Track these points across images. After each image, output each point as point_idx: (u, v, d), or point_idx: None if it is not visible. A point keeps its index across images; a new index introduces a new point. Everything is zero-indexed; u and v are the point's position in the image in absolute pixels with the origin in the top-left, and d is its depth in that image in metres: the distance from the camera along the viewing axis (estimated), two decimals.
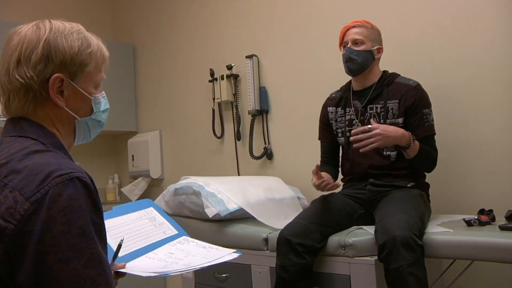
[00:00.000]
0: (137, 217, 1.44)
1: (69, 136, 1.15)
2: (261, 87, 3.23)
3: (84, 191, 0.92)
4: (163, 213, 1.54)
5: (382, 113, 2.25)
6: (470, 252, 1.80)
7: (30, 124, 1.05)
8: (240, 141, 3.38)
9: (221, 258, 1.34)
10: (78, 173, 0.93)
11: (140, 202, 1.55)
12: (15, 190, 0.90)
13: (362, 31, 2.26)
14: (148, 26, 4.09)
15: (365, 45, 2.25)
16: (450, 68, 2.46)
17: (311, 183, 2.19)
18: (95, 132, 1.20)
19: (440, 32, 2.49)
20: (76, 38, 1.08)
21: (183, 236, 1.48)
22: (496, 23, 2.33)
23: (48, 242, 0.87)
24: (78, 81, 1.09)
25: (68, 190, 0.90)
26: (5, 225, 0.87)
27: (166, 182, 3.86)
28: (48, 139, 1.05)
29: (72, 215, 0.89)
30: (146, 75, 4.14)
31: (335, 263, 2.03)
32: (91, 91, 1.13)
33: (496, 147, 2.33)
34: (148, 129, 4.06)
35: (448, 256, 1.92)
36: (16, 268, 0.87)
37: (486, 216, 2.00)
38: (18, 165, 0.93)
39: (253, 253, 2.32)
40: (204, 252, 1.39)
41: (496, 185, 2.32)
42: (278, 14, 3.18)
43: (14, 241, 0.87)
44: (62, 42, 1.06)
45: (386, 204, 2.07)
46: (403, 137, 2.10)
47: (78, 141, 1.19)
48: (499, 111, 2.33)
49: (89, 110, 1.14)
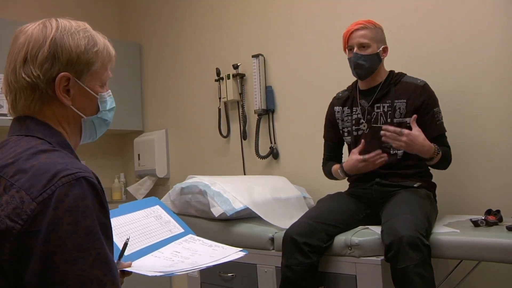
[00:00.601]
0: (143, 215, 1.44)
1: (75, 135, 1.14)
2: (267, 86, 3.23)
3: (90, 191, 0.92)
4: (169, 211, 1.53)
5: (389, 112, 2.24)
6: (477, 253, 1.78)
7: (36, 123, 1.05)
8: (246, 140, 3.38)
9: (227, 257, 1.33)
10: (84, 173, 0.93)
11: (146, 200, 1.55)
12: (22, 190, 0.90)
13: (367, 33, 2.23)
14: (155, 25, 4.09)
15: (372, 48, 2.23)
16: (456, 69, 2.45)
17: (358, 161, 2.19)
18: (101, 131, 1.20)
19: (446, 32, 2.48)
20: (82, 37, 1.08)
21: (189, 235, 1.48)
22: (500, 22, 2.32)
23: (54, 243, 0.87)
24: (85, 79, 1.09)
25: (75, 190, 0.90)
26: (12, 225, 0.87)
27: (172, 181, 3.86)
28: (54, 138, 1.05)
29: (78, 215, 0.89)
30: (152, 74, 4.15)
31: (341, 263, 2.03)
32: (98, 89, 1.13)
33: (503, 147, 2.31)
34: (154, 128, 4.07)
35: (455, 257, 1.91)
36: (23, 267, 0.87)
37: (493, 217, 1.99)
38: (25, 165, 0.93)
39: (259, 253, 2.32)
40: (210, 250, 1.38)
41: (503, 185, 2.30)
42: (285, 13, 3.17)
43: (21, 241, 0.87)
44: (69, 41, 1.06)
45: (392, 205, 2.06)
46: (428, 151, 2.10)
47: (84, 140, 1.19)
48: (506, 111, 2.31)
49: (95, 109, 1.14)
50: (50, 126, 1.07)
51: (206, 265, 1.27)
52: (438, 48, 2.50)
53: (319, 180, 2.89)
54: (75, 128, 1.13)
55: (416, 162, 2.20)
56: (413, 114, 2.17)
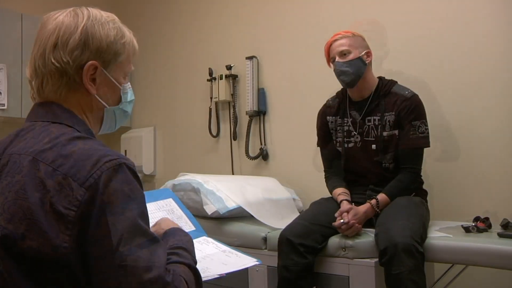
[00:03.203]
0: (155, 208, 1.42)
1: (96, 125, 1.15)
2: (260, 88, 3.25)
3: (132, 177, 0.95)
4: (182, 206, 1.51)
5: (380, 126, 2.25)
6: (470, 258, 1.85)
7: (63, 110, 1.06)
8: (236, 141, 3.40)
9: (241, 267, 1.30)
10: (125, 160, 0.95)
11: (160, 191, 1.53)
12: (68, 176, 0.91)
13: (345, 41, 2.25)
14: (148, 21, 4.06)
15: (353, 54, 2.23)
16: (445, 79, 2.52)
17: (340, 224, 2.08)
18: (120, 122, 1.21)
19: (442, 35, 2.55)
20: (112, 28, 1.09)
21: (203, 236, 1.44)
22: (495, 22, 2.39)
23: (104, 227, 0.89)
24: (110, 69, 1.10)
25: (119, 175, 0.92)
26: (67, 213, 0.89)
27: (159, 178, 3.85)
28: (81, 126, 1.06)
29: (124, 199, 0.91)
30: (142, 70, 4.11)
31: (335, 264, 2.06)
32: (121, 81, 1.14)
33: (491, 156, 2.39)
34: (142, 125, 4.04)
35: (448, 261, 1.97)
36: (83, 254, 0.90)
37: (482, 224, 2.06)
38: (64, 151, 0.94)
39: (251, 252, 2.28)
40: (223, 257, 1.34)
41: (490, 193, 2.38)
42: (280, 17, 3.20)
43: (77, 227, 0.89)
44: (99, 30, 1.07)
45: (388, 209, 2.10)
46: (370, 213, 2.13)
47: (104, 130, 1.19)
48: (494, 119, 2.39)
49: (117, 100, 1.15)
50: (75, 115, 1.07)
51: (219, 274, 1.23)
52: (430, 57, 2.57)
53: (308, 182, 2.94)
54: (97, 118, 1.14)
55: None
56: (398, 125, 2.21)
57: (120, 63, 1.12)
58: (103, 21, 1.08)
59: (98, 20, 1.08)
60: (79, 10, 1.08)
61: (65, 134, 0.98)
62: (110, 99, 1.14)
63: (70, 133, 1.00)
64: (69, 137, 0.97)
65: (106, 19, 1.10)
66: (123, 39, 1.11)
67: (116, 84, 1.13)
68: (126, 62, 1.14)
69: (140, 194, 0.95)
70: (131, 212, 0.91)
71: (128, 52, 1.14)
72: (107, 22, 1.09)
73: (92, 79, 1.08)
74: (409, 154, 2.21)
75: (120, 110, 1.17)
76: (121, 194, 0.91)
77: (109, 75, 1.10)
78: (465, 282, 2.27)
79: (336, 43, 2.27)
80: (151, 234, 0.95)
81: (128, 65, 1.16)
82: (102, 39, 1.06)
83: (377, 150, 2.25)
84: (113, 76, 1.11)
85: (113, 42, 1.08)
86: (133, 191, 0.93)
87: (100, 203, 0.89)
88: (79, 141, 0.97)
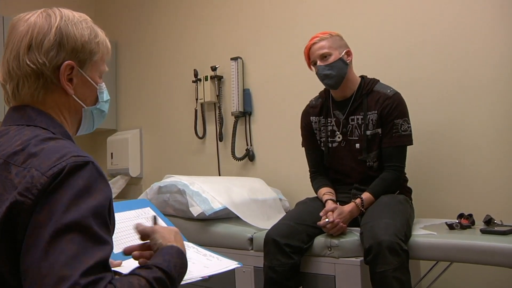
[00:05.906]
0: (134, 215, 1.42)
1: (74, 125, 1.14)
2: (245, 89, 3.25)
3: (98, 176, 0.93)
4: (160, 214, 1.52)
5: (363, 125, 2.25)
6: (454, 255, 1.86)
7: (38, 113, 1.04)
8: (222, 142, 3.39)
9: (222, 269, 1.30)
10: (94, 161, 0.94)
11: (137, 201, 1.55)
12: (32, 168, 0.89)
13: (325, 43, 2.24)
14: (132, 22, 4.03)
15: (334, 55, 2.23)
16: (429, 78, 2.53)
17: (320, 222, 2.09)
18: (98, 122, 1.20)
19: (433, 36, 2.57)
20: (85, 27, 1.09)
21: None
22: (493, 26, 2.42)
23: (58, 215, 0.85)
24: (86, 69, 1.10)
25: (84, 171, 0.91)
26: (22, 200, 0.87)
27: (145, 180, 3.83)
28: (57, 128, 1.04)
29: (78, 193, 0.88)
30: (127, 72, 4.09)
31: (321, 264, 2.06)
32: (97, 80, 1.14)
33: (474, 155, 2.41)
34: (128, 127, 4.02)
35: (432, 258, 1.98)
36: None
37: (466, 220, 2.07)
38: (34, 149, 0.93)
39: (237, 253, 2.32)
40: (204, 260, 1.34)
41: (473, 190, 2.40)
42: (265, 18, 3.21)
43: (32, 215, 0.86)
44: (73, 30, 1.06)
45: (373, 208, 2.11)
46: (355, 213, 2.14)
47: (82, 131, 1.18)
48: (477, 118, 2.41)
49: (94, 100, 1.15)
50: (51, 117, 1.06)
51: (201, 276, 1.23)
52: (417, 58, 2.59)
53: (294, 182, 2.95)
54: (75, 118, 1.13)
55: None
56: (381, 124, 2.22)
57: (95, 62, 1.11)
58: (76, 21, 1.08)
59: (71, 20, 1.07)
60: (51, 11, 1.07)
61: (39, 136, 0.97)
62: (88, 99, 1.13)
63: (44, 134, 0.99)
64: (41, 138, 0.96)
65: (79, 19, 1.09)
66: (97, 38, 1.11)
67: (93, 83, 1.12)
68: (101, 61, 1.14)
69: (100, 194, 0.91)
70: (81, 208, 0.87)
71: (102, 51, 1.13)
72: (80, 22, 1.08)
73: (69, 80, 1.07)
74: (393, 152, 2.22)
75: (97, 110, 1.17)
76: (77, 188, 0.88)
77: (85, 74, 1.10)
78: (451, 278, 2.29)
79: (316, 46, 2.26)
80: (98, 234, 0.88)
81: (102, 65, 1.15)
82: (77, 39, 1.06)
83: (361, 149, 2.26)
84: (89, 75, 1.11)
85: (88, 42, 1.08)
86: (92, 188, 0.90)
87: (51, 190, 0.87)
88: (51, 141, 0.96)
